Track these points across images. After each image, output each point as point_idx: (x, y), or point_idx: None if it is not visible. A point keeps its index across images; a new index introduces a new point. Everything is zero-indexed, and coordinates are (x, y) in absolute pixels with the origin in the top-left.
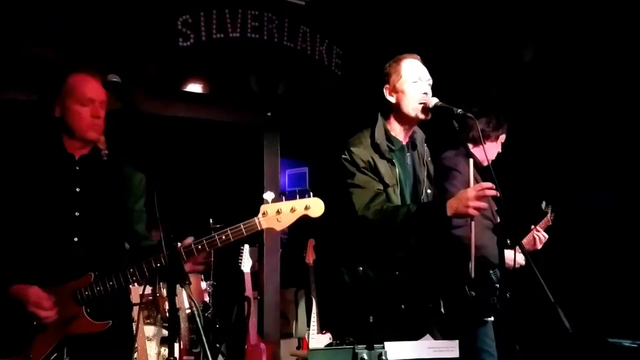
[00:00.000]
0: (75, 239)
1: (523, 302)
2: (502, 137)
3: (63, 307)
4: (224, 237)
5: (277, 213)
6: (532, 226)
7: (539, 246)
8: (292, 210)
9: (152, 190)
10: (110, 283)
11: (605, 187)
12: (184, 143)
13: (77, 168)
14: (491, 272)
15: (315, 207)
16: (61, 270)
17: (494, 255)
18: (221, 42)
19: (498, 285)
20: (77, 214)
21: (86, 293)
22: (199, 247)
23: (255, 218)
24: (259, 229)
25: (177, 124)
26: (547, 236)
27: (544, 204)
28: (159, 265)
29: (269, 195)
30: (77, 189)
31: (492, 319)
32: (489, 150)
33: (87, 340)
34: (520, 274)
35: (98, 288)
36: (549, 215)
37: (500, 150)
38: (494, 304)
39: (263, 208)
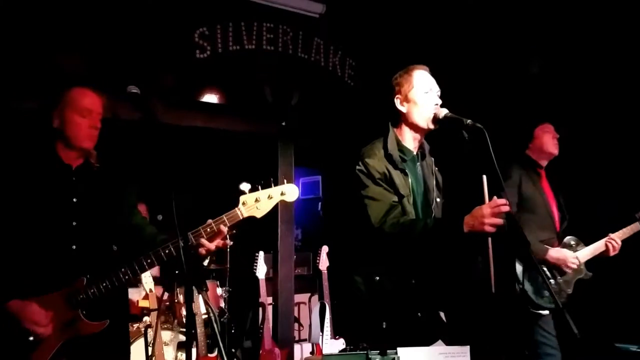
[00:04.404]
0: (74, 247)
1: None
2: (543, 130)
3: (59, 313)
4: (208, 229)
5: (256, 201)
6: (609, 234)
7: (612, 253)
8: (269, 197)
9: (170, 199)
10: (104, 284)
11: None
12: (201, 152)
13: (74, 178)
14: (542, 266)
15: (290, 192)
16: (61, 278)
17: (541, 249)
18: (237, 53)
19: (552, 282)
20: (74, 223)
21: (81, 297)
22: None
23: (236, 208)
24: (241, 217)
25: (194, 133)
26: (620, 243)
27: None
28: (149, 261)
29: (245, 186)
30: (74, 199)
31: (547, 312)
32: (548, 144)
33: (84, 341)
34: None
35: (92, 290)
36: (638, 222)
37: (555, 143)
38: (547, 297)
39: (242, 198)
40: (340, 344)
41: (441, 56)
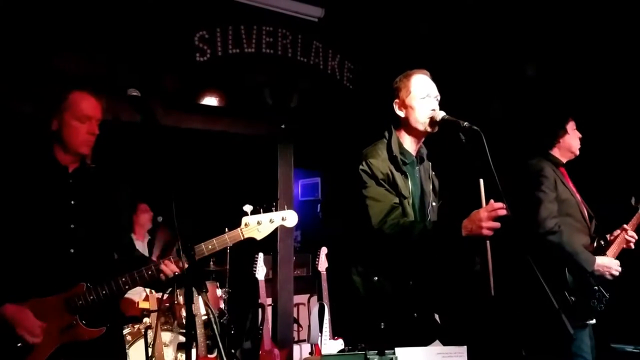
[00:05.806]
0: (72, 251)
1: (530, 308)
2: (572, 127)
3: (56, 318)
4: (210, 246)
5: (258, 224)
6: (623, 225)
7: (632, 246)
8: (271, 221)
9: (171, 201)
10: (104, 292)
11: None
12: (201, 154)
13: (71, 181)
14: (589, 275)
15: (290, 218)
16: (58, 281)
17: (591, 259)
18: (237, 57)
19: (597, 288)
20: (72, 226)
21: (80, 302)
22: (192, 254)
23: (238, 229)
24: (242, 238)
25: (194, 136)
26: (636, 237)
27: (633, 200)
28: (150, 273)
29: (248, 208)
30: (72, 202)
31: (593, 321)
32: (575, 143)
33: (80, 346)
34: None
35: (92, 297)
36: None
37: (580, 136)
38: (595, 307)
39: (245, 220)
40: (339, 345)
41: (441, 58)
